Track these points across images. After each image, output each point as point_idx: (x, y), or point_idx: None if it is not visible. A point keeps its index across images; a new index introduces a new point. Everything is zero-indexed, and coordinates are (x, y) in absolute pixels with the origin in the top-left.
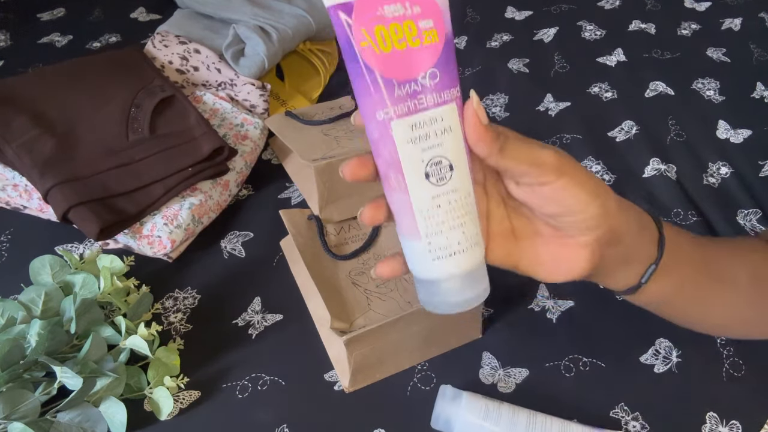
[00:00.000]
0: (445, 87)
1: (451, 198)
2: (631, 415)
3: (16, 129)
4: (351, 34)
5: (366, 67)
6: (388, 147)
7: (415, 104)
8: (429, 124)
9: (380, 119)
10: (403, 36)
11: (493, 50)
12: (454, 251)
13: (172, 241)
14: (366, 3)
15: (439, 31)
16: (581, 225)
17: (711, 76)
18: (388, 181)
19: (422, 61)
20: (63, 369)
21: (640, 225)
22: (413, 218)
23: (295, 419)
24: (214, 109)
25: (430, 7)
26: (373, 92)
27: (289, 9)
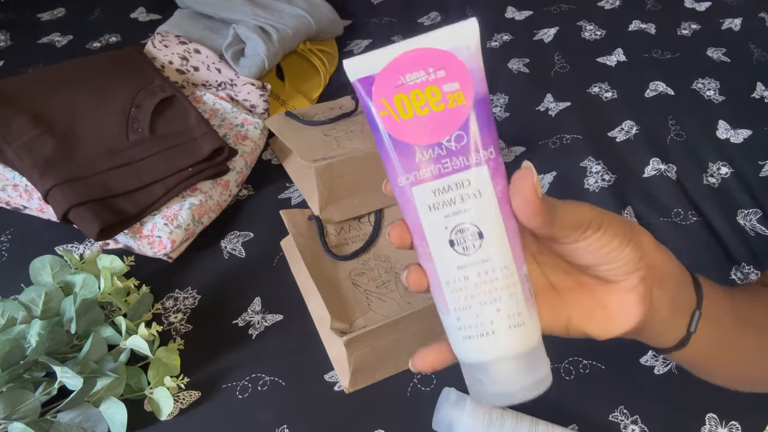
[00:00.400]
0: (474, 149)
1: (481, 269)
2: (630, 418)
3: (16, 129)
4: (371, 104)
5: (387, 134)
6: (411, 213)
7: (439, 168)
8: (454, 189)
9: (401, 185)
10: (425, 101)
11: (493, 50)
12: (486, 330)
13: (172, 241)
14: (388, 74)
15: (466, 93)
16: (620, 270)
17: (711, 76)
18: (417, 248)
19: (446, 124)
20: (63, 369)
21: (677, 264)
22: (441, 290)
23: (295, 419)
24: (214, 109)
25: (456, 70)
26: (393, 159)
27: (289, 9)
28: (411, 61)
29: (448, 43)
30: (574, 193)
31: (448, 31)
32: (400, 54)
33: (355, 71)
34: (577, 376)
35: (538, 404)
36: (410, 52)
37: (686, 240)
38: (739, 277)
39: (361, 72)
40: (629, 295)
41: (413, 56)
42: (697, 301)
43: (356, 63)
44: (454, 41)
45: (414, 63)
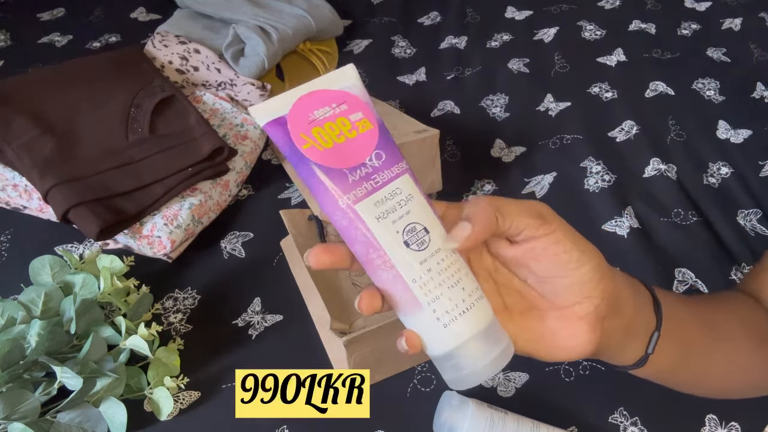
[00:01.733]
0: (393, 162)
1: (438, 258)
2: (630, 420)
3: (16, 129)
4: (293, 141)
5: (316, 165)
6: (360, 229)
7: (372, 184)
8: (390, 198)
9: (344, 207)
10: (339, 131)
11: (493, 50)
12: (462, 310)
13: (172, 242)
14: (297, 112)
15: (370, 120)
16: (575, 290)
17: (711, 76)
18: (372, 263)
19: (364, 146)
20: (63, 369)
21: (635, 290)
22: (408, 291)
23: (294, 420)
24: (213, 109)
25: (355, 103)
26: (328, 185)
27: (289, 9)
28: (313, 101)
29: (337, 84)
30: (575, 193)
31: (334, 76)
32: (301, 96)
33: (264, 116)
34: (577, 377)
35: (538, 405)
36: (309, 94)
37: (686, 240)
38: (739, 277)
39: (270, 115)
40: (579, 323)
41: (313, 97)
42: (657, 322)
43: (263, 108)
44: (343, 82)
45: (316, 102)
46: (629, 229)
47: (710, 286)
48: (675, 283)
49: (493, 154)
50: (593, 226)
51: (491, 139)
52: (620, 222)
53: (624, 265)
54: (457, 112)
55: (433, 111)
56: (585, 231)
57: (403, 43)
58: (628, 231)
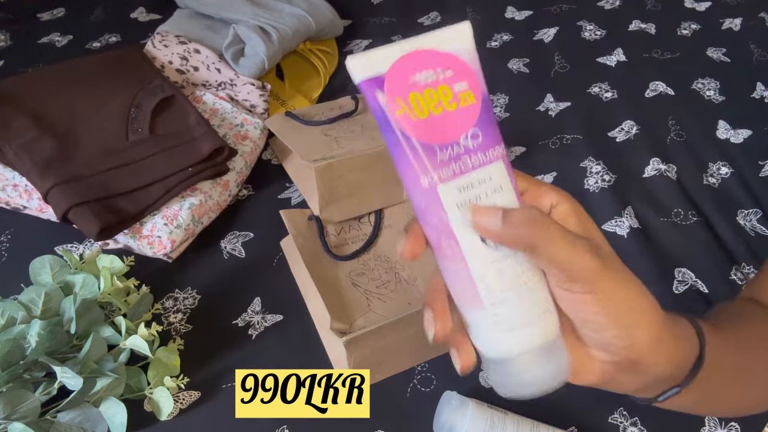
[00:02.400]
0: (489, 146)
1: (514, 262)
2: (629, 420)
3: (16, 129)
4: (385, 105)
5: (404, 135)
6: (437, 214)
7: (461, 166)
8: (477, 185)
9: (425, 186)
10: (438, 101)
11: (493, 50)
12: (525, 320)
13: (172, 242)
14: (397, 73)
15: (475, 92)
16: (597, 345)
17: (711, 76)
18: (441, 251)
19: (461, 122)
20: (63, 369)
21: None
22: (474, 288)
23: (294, 420)
24: (214, 109)
25: (462, 70)
26: (413, 160)
27: (290, 9)
28: (418, 62)
29: (448, 45)
30: (575, 193)
31: (446, 34)
32: (405, 54)
33: (361, 71)
34: None
35: (538, 406)
36: (414, 53)
37: (686, 240)
38: (739, 277)
39: (368, 72)
40: (591, 362)
41: (418, 57)
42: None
43: (361, 62)
44: (454, 43)
45: (421, 63)
46: (629, 229)
47: (710, 286)
48: (675, 283)
49: None
50: None
51: None
52: (620, 222)
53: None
54: (494, 132)
55: None
56: None
57: None
58: (628, 231)
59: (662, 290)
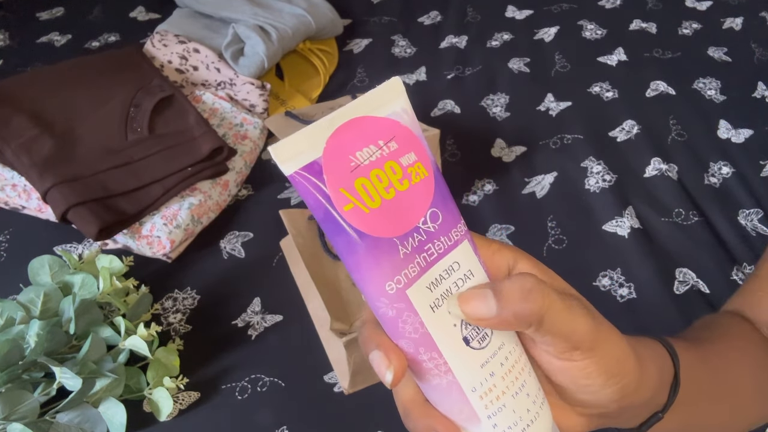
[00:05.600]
0: (451, 225)
1: (501, 357)
2: None
3: (15, 129)
4: (328, 201)
5: (359, 234)
6: (411, 323)
7: (425, 258)
8: (447, 277)
9: (393, 292)
10: (388, 182)
11: (494, 50)
12: (527, 423)
13: (172, 242)
14: (335, 155)
15: (425, 164)
16: (588, 402)
17: (712, 75)
18: (421, 366)
19: (418, 203)
20: (62, 369)
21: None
22: (467, 402)
23: (294, 421)
24: (213, 109)
25: (407, 138)
26: (375, 263)
27: (289, 8)
28: (355, 136)
29: (384, 109)
30: (575, 193)
31: (378, 95)
32: (339, 127)
33: (290, 161)
34: None
35: None
36: (348, 124)
37: (687, 240)
38: (740, 277)
39: (299, 159)
40: (578, 418)
41: (354, 129)
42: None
43: (287, 149)
44: (390, 105)
45: (359, 137)
46: (630, 230)
47: (711, 286)
48: (675, 284)
49: (493, 153)
50: (594, 226)
51: (492, 138)
52: (621, 222)
53: (624, 266)
54: (458, 112)
55: (433, 110)
56: (585, 231)
57: (403, 42)
58: (629, 231)
59: (663, 290)
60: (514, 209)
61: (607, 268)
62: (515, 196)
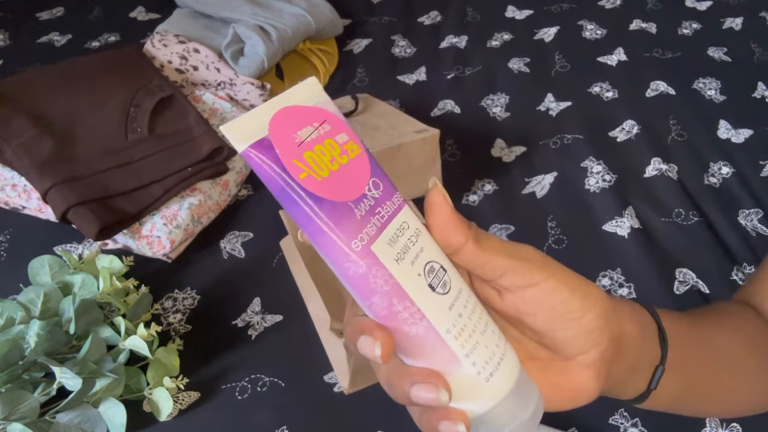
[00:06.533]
0: (391, 192)
1: (463, 300)
2: (630, 421)
3: (15, 129)
4: (284, 171)
5: (315, 200)
6: (380, 276)
7: (379, 219)
8: (401, 234)
9: (359, 251)
10: (331, 156)
11: (494, 50)
12: (499, 358)
13: (172, 242)
14: (281, 132)
15: (356, 142)
16: (579, 340)
17: (712, 75)
18: (396, 318)
19: (360, 174)
20: (62, 369)
21: (640, 323)
22: (443, 343)
23: (294, 421)
24: (213, 109)
25: (336, 122)
26: (335, 226)
27: (289, 8)
28: (292, 119)
29: (309, 101)
30: (575, 193)
31: (299, 91)
32: (277, 111)
33: (243, 137)
34: None
35: None
36: (285, 110)
37: (687, 240)
38: (740, 277)
39: (250, 136)
40: (585, 373)
41: (290, 114)
42: (662, 356)
43: (235, 128)
44: (314, 99)
45: (296, 120)
46: (630, 230)
47: (711, 286)
48: (676, 284)
49: (493, 153)
50: (594, 226)
51: (491, 138)
52: (621, 222)
53: (624, 266)
54: (458, 112)
55: (433, 110)
56: (585, 231)
57: (403, 42)
58: (629, 231)
59: (663, 290)
60: (514, 209)
61: (607, 268)
62: (515, 196)
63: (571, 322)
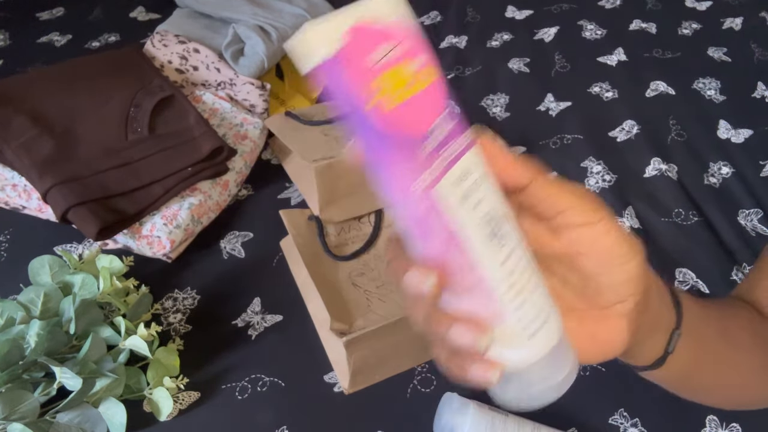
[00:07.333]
0: (462, 128)
1: (517, 257)
2: (630, 421)
3: (15, 129)
4: (352, 97)
5: (384, 131)
6: (440, 219)
7: (446, 158)
8: (467, 176)
9: (420, 190)
10: (405, 83)
11: (494, 50)
12: (546, 317)
13: (172, 242)
14: (351, 54)
15: (433, 65)
16: (621, 287)
17: (712, 75)
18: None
19: (433, 104)
20: (62, 369)
21: (659, 285)
22: (494, 297)
23: (294, 420)
24: (213, 109)
25: (415, 42)
26: (402, 160)
27: (289, 8)
28: (365, 37)
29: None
30: None
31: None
32: (353, 27)
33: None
34: (577, 378)
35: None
36: (359, 25)
37: (687, 240)
38: (740, 277)
39: (316, 53)
40: (619, 322)
41: (363, 31)
42: (677, 320)
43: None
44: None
45: (369, 38)
46: (630, 230)
47: (711, 286)
48: (675, 284)
49: None
50: None
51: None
52: (621, 222)
53: None
54: (458, 112)
55: None
56: None
57: None
58: (629, 231)
59: None
60: None
61: None
62: None
63: (618, 267)
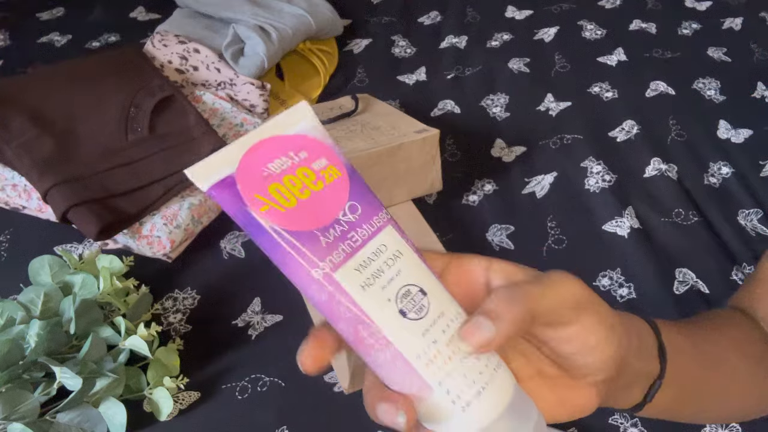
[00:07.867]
0: (371, 214)
1: (442, 325)
2: (630, 421)
3: (15, 129)
4: (246, 205)
5: (277, 232)
6: (344, 303)
7: (350, 245)
8: (375, 258)
9: (320, 277)
10: (302, 185)
11: (494, 50)
12: (481, 385)
13: (172, 242)
14: (248, 169)
15: (338, 166)
16: (594, 366)
17: (712, 75)
18: (363, 343)
19: (334, 199)
20: (62, 369)
21: (639, 338)
22: (413, 370)
23: (294, 420)
24: (213, 109)
25: (316, 147)
26: (298, 255)
27: (289, 8)
28: (265, 152)
29: (292, 128)
30: (575, 193)
31: (284, 119)
32: (249, 148)
33: (205, 178)
34: None
35: None
36: (258, 144)
37: (687, 240)
38: (740, 277)
39: (213, 177)
40: (588, 390)
41: (264, 147)
42: (660, 370)
43: (202, 169)
44: (299, 125)
45: (269, 152)
46: (630, 230)
47: (710, 286)
48: (675, 284)
49: (493, 153)
50: (593, 226)
51: (491, 138)
52: (621, 222)
53: (624, 266)
54: (458, 112)
55: (433, 110)
56: (585, 231)
57: (403, 42)
58: (629, 231)
59: (663, 290)
60: (514, 209)
61: (607, 268)
62: (515, 196)
63: (595, 352)
